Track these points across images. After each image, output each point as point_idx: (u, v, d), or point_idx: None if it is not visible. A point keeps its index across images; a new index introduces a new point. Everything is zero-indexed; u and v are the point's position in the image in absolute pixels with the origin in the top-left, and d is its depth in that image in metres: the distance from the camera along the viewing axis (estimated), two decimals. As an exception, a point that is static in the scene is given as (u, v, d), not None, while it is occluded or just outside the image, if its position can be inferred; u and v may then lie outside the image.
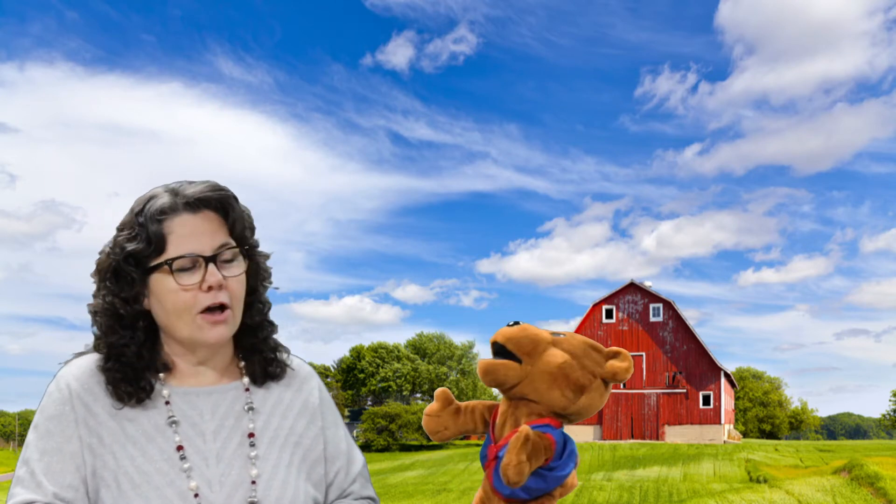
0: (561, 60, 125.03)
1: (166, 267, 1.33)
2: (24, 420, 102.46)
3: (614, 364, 1.35)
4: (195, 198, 1.35)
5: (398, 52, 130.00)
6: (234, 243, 1.38)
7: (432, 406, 1.43)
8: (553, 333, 1.37)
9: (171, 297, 1.33)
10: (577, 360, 1.34)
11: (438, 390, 1.44)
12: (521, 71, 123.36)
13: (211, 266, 1.34)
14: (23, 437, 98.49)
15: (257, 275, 1.45)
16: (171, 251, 1.33)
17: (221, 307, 1.36)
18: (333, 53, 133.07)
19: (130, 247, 1.33)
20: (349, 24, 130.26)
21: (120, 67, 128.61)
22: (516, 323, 1.35)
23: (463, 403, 1.45)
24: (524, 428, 1.30)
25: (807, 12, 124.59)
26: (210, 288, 1.33)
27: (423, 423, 1.44)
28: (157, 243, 1.33)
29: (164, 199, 1.34)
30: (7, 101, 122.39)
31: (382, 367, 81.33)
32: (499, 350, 1.34)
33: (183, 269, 1.33)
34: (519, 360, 1.32)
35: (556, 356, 1.33)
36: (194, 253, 1.33)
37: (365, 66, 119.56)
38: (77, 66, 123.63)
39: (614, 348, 1.38)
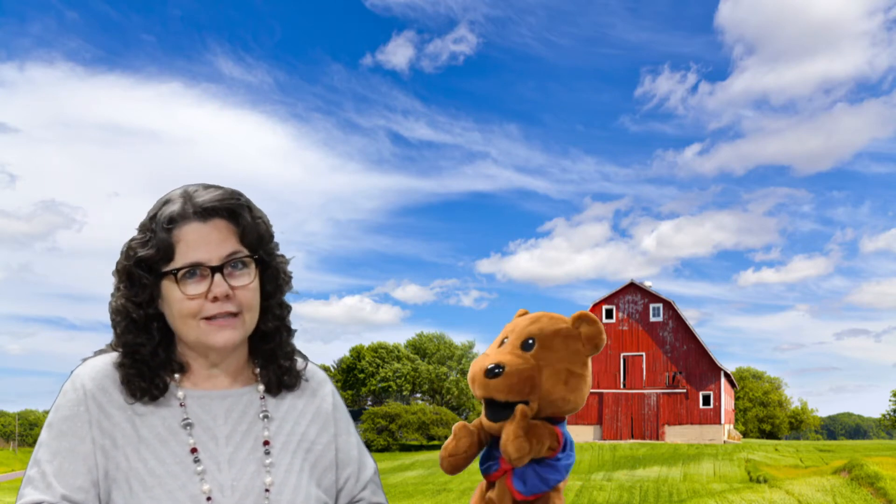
0: (561, 60, 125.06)
1: (173, 276, 1.33)
2: (24, 420, 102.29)
3: (589, 335, 1.40)
4: (203, 207, 1.34)
5: (398, 52, 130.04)
6: (244, 252, 1.37)
7: (459, 445, 1.42)
8: (523, 345, 1.39)
9: (177, 304, 1.34)
10: (567, 363, 1.38)
11: (458, 426, 1.42)
12: (521, 71, 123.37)
13: (217, 276, 1.33)
14: (23, 437, 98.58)
15: (274, 280, 1.43)
16: (179, 260, 1.32)
17: (228, 314, 1.35)
18: (333, 53, 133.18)
19: (141, 252, 1.33)
20: (349, 24, 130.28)
21: (120, 67, 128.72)
22: (497, 368, 1.36)
23: (474, 424, 1.46)
24: (520, 406, 1.34)
25: (807, 12, 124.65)
26: (216, 298, 1.33)
27: (444, 463, 1.43)
28: (166, 251, 1.32)
29: (175, 207, 1.34)
30: (7, 101, 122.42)
31: (382, 367, 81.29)
32: (501, 404, 1.38)
33: (189, 279, 1.33)
34: (525, 402, 1.37)
35: (557, 382, 1.37)
36: (201, 262, 1.32)
37: (365, 66, 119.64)
38: (77, 66, 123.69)
39: (577, 314, 1.42)
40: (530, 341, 1.38)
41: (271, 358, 1.46)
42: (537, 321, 1.42)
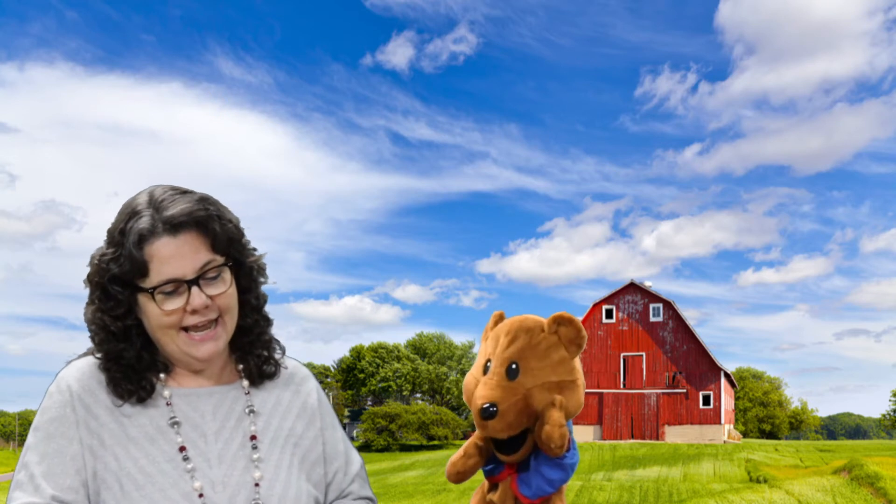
0: (561, 60, 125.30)
1: (149, 294, 1.32)
2: (24, 420, 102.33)
3: (569, 337, 1.36)
4: (173, 222, 1.31)
5: (398, 52, 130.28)
6: (218, 260, 1.36)
7: (468, 464, 1.43)
8: (508, 372, 1.35)
9: (155, 318, 1.34)
10: (554, 376, 1.35)
11: (468, 445, 1.42)
12: (521, 71, 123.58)
13: (194, 289, 1.33)
14: (22, 437, 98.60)
15: (248, 275, 1.43)
16: (154, 276, 1.31)
17: (209, 322, 1.36)
18: (333, 53, 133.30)
19: (114, 269, 1.31)
20: (349, 24, 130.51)
21: (120, 67, 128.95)
22: (491, 407, 1.34)
23: (482, 440, 1.45)
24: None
25: (807, 12, 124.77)
26: (195, 311, 1.33)
27: (451, 477, 1.44)
28: (140, 268, 1.31)
29: (144, 222, 1.30)
30: (7, 101, 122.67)
31: (382, 367, 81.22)
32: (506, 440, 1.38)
33: (166, 295, 1.32)
34: (529, 430, 1.37)
35: (548, 397, 1.34)
36: (176, 278, 1.31)
37: (365, 66, 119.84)
38: (77, 66, 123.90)
39: (553, 317, 1.38)
40: (513, 366, 1.35)
41: (249, 350, 1.48)
42: (515, 339, 1.38)
